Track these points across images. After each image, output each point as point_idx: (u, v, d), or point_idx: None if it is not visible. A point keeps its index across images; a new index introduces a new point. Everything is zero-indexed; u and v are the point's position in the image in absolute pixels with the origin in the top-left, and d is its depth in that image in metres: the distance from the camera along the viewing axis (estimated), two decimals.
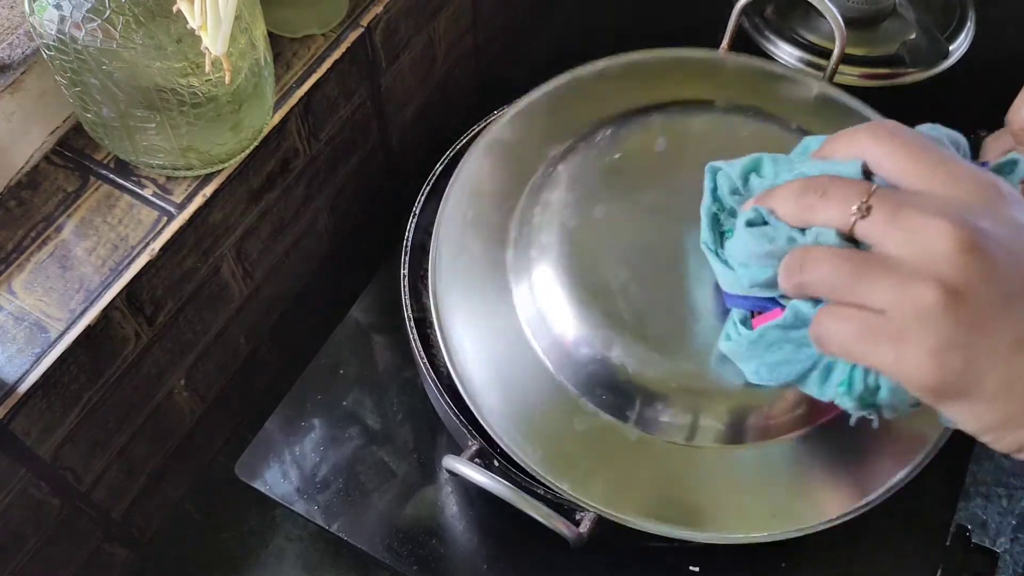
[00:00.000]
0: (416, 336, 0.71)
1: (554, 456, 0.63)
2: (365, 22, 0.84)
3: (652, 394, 0.62)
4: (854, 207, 0.46)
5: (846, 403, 0.51)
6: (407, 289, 0.73)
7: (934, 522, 0.77)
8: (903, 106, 1.05)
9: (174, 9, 0.60)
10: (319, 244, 0.94)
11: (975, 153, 0.58)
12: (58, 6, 0.60)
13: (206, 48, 0.61)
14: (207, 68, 0.63)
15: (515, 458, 0.63)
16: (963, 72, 0.97)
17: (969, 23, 1.04)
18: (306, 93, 0.79)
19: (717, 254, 0.57)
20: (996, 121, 1.04)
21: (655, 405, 0.62)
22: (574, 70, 0.77)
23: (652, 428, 0.63)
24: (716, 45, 0.86)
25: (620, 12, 1.12)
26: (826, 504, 0.64)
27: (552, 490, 0.64)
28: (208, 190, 0.73)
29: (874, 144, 0.48)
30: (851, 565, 0.76)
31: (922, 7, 1.04)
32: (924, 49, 1.00)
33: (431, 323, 0.78)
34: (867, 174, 0.49)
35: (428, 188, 0.78)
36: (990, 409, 0.44)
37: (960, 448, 0.81)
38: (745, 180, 0.56)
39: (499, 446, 0.63)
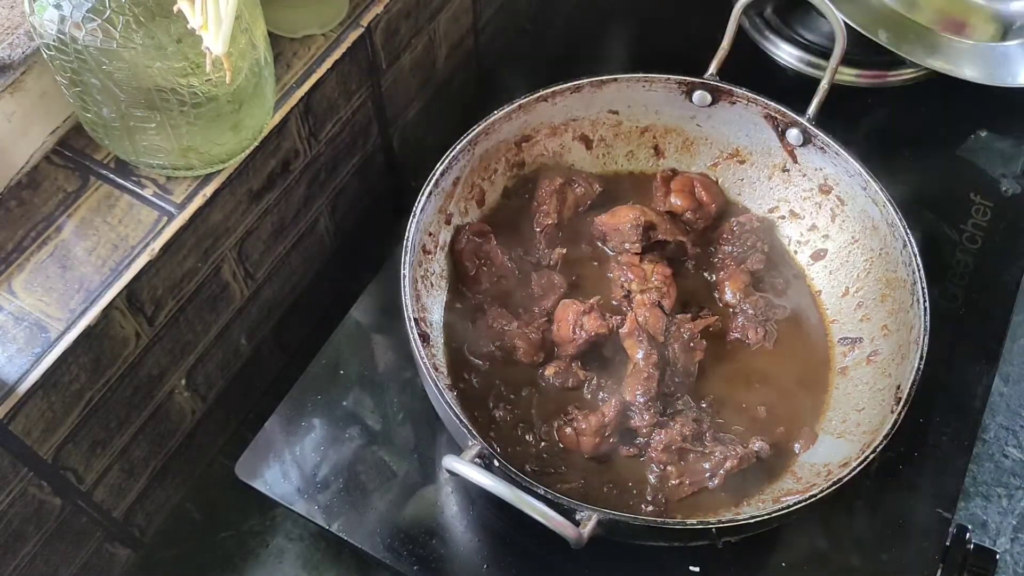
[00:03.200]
0: (416, 336, 0.71)
1: None
2: (365, 22, 0.84)
3: None
4: None
5: None
6: (407, 289, 0.73)
7: (934, 522, 0.77)
8: (901, 106, 1.05)
9: (174, 9, 0.60)
10: (320, 244, 0.94)
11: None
12: (58, 6, 0.60)
13: (206, 48, 0.60)
14: (207, 68, 0.63)
15: None
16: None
17: None
18: (306, 93, 0.79)
19: None
20: (994, 121, 1.04)
21: None
22: None
23: None
24: (716, 45, 0.86)
25: (620, 12, 1.12)
26: None
27: (552, 490, 0.64)
28: (208, 190, 0.73)
29: None
30: (851, 565, 0.76)
31: None
32: None
33: (430, 322, 0.78)
34: None
35: (428, 188, 0.78)
36: None
37: (960, 448, 0.81)
38: None
39: (499, 446, 0.63)
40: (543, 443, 0.76)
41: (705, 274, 0.87)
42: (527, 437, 0.76)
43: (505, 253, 0.84)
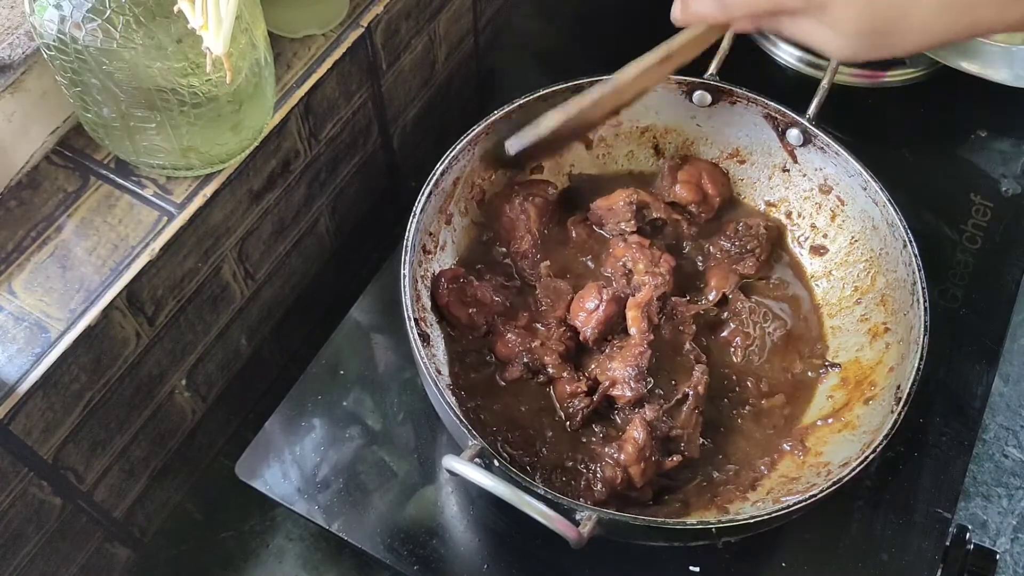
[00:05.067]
0: (416, 336, 0.71)
1: None
2: (365, 22, 0.84)
3: None
4: None
5: None
6: (407, 289, 0.73)
7: (934, 522, 0.77)
8: (901, 106, 1.05)
9: (174, 9, 0.60)
10: (320, 244, 0.94)
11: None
12: (58, 6, 0.60)
13: (207, 48, 0.61)
14: (207, 68, 0.63)
15: None
16: (960, 72, 0.97)
17: None
18: (306, 93, 0.79)
19: None
20: (994, 121, 1.04)
21: None
22: None
23: None
24: (716, 45, 0.86)
25: (621, 12, 1.12)
26: None
27: (552, 491, 0.64)
28: (208, 190, 0.73)
29: None
30: (851, 565, 0.76)
31: None
32: None
33: (430, 322, 0.78)
34: None
35: (428, 188, 0.78)
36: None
37: (960, 448, 0.81)
38: None
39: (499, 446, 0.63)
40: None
41: (698, 259, 0.86)
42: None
43: (489, 289, 0.81)
